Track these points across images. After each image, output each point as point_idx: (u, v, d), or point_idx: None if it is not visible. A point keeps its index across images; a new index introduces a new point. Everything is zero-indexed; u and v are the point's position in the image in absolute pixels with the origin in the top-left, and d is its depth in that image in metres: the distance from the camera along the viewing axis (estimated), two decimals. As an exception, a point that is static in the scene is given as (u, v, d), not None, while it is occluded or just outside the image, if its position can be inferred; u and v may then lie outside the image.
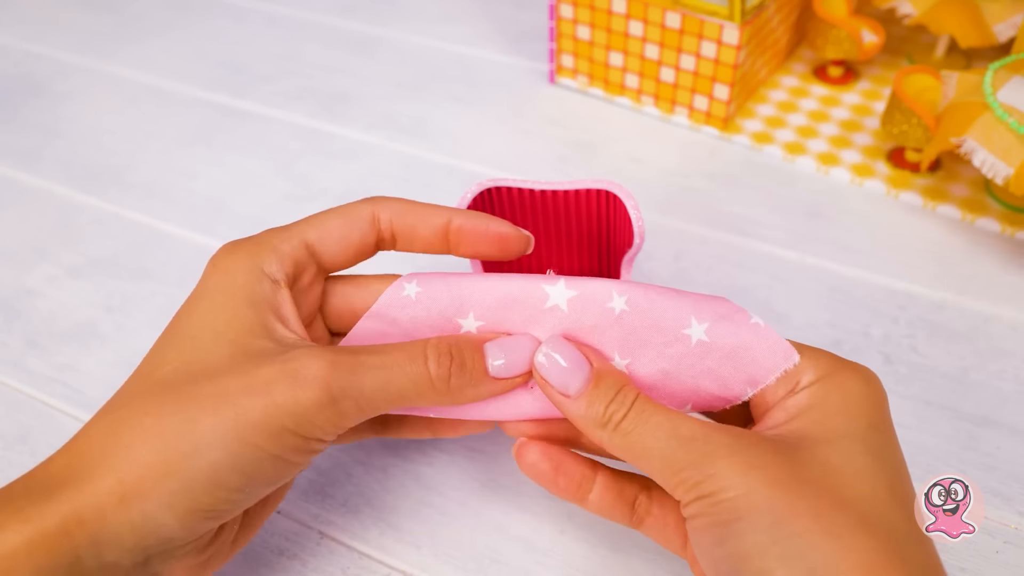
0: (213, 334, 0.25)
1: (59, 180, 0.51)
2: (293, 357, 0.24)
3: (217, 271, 0.26)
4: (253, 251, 0.27)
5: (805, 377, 0.25)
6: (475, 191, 0.33)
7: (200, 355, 0.24)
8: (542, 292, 0.26)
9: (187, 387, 0.24)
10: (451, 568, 0.31)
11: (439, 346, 0.26)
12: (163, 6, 0.69)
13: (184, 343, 0.25)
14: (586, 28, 0.52)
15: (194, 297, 0.26)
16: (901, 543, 0.21)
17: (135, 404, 0.24)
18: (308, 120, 0.55)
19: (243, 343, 0.25)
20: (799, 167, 0.49)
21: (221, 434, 0.23)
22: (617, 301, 0.25)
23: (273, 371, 0.24)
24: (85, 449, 0.23)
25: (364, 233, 0.28)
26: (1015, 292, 0.41)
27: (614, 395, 0.25)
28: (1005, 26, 0.48)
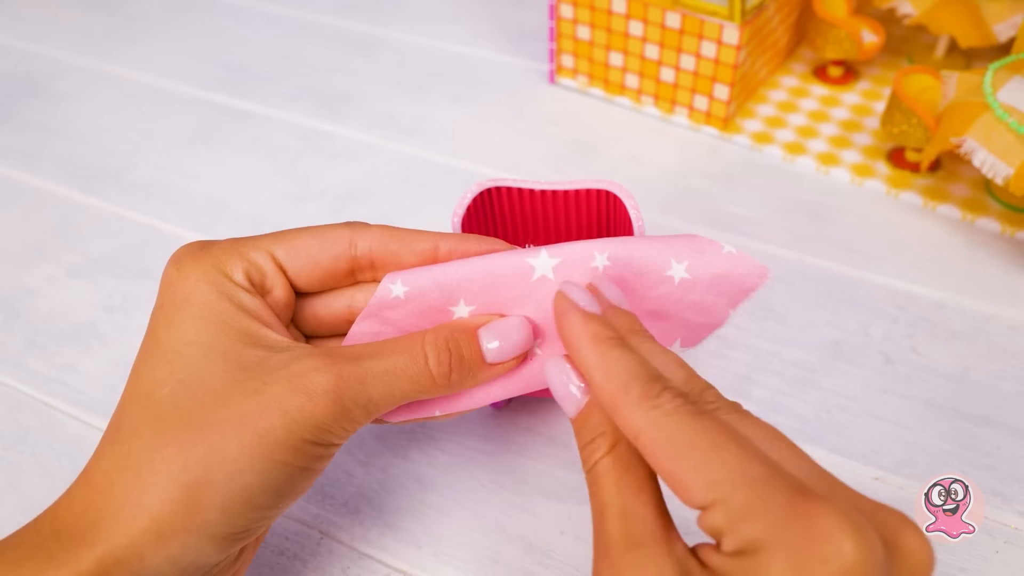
0: (203, 348, 0.24)
1: (59, 180, 0.51)
2: (299, 371, 0.24)
3: (186, 279, 0.25)
4: (220, 259, 0.26)
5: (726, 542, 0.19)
6: (475, 191, 0.33)
7: (196, 373, 0.24)
8: (527, 265, 0.26)
9: (199, 413, 0.23)
10: (451, 568, 0.31)
11: (436, 342, 0.26)
12: (163, 6, 0.69)
13: (174, 360, 0.24)
14: (586, 28, 0.52)
15: (168, 307, 0.25)
16: None
17: (146, 434, 0.23)
18: (308, 120, 0.55)
19: (236, 355, 0.24)
20: (799, 167, 0.49)
21: (249, 458, 0.23)
22: (599, 259, 0.26)
23: (283, 388, 0.24)
24: (105, 486, 0.23)
25: (335, 257, 0.27)
26: (1015, 292, 0.41)
27: (587, 442, 0.23)
28: (1005, 26, 0.48)
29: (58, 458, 0.35)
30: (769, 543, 0.18)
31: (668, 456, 0.20)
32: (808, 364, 0.38)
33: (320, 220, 0.47)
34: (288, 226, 0.46)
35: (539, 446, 0.35)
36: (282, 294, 0.27)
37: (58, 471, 0.35)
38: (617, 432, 0.23)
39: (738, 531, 0.19)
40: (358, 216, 0.47)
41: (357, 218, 0.47)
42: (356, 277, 0.28)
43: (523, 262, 0.26)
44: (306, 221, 0.47)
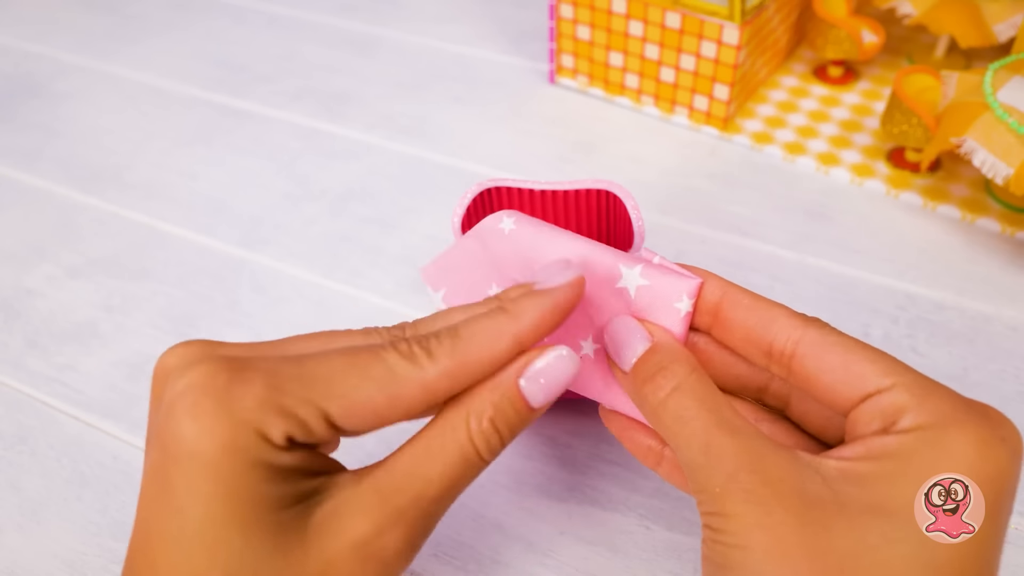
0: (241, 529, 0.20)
1: (59, 180, 0.51)
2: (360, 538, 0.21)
3: (205, 440, 0.20)
4: (254, 415, 0.20)
5: (906, 418, 0.20)
6: (475, 191, 0.33)
7: (240, 560, 0.20)
8: (616, 271, 0.25)
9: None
10: (451, 568, 0.31)
11: (481, 423, 0.22)
12: (163, 6, 0.69)
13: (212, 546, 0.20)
14: (586, 28, 0.52)
15: (187, 471, 0.20)
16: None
17: None
18: (308, 120, 0.55)
19: (278, 526, 0.20)
20: (799, 167, 0.49)
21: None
22: (685, 303, 0.24)
23: (351, 567, 0.21)
24: None
25: (408, 410, 0.22)
26: (1015, 292, 0.41)
27: (655, 372, 0.22)
28: (1005, 26, 0.48)
29: (58, 458, 0.35)
30: (954, 420, 0.20)
31: (839, 352, 0.22)
32: (808, 364, 0.38)
33: (320, 220, 0.47)
34: (288, 226, 0.46)
35: (539, 446, 0.35)
36: (325, 448, 0.23)
37: (58, 471, 0.35)
38: (694, 361, 0.23)
39: (924, 407, 0.20)
40: (358, 216, 0.47)
41: (357, 218, 0.47)
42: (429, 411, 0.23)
43: (615, 265, 0.25)
44: (306, 221, 0.47)
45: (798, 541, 0.19)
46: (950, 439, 0.19)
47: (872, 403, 0.21)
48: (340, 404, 0.21)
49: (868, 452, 0.20)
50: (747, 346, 0.24)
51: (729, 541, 0.20)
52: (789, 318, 0.23)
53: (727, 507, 0.20)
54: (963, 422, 0.20)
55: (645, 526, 0.32)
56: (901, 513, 0.19)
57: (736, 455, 0.21)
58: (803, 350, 0.22)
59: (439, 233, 0.45)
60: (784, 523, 0.19)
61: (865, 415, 0.21)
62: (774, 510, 0.20)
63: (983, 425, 0.20)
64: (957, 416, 0.20)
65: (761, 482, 0.20)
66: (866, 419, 0.21)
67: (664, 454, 0.25)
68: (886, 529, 0.19)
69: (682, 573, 0.30)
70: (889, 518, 0.19)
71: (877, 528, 0.19)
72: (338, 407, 0.21)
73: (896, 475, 0.20)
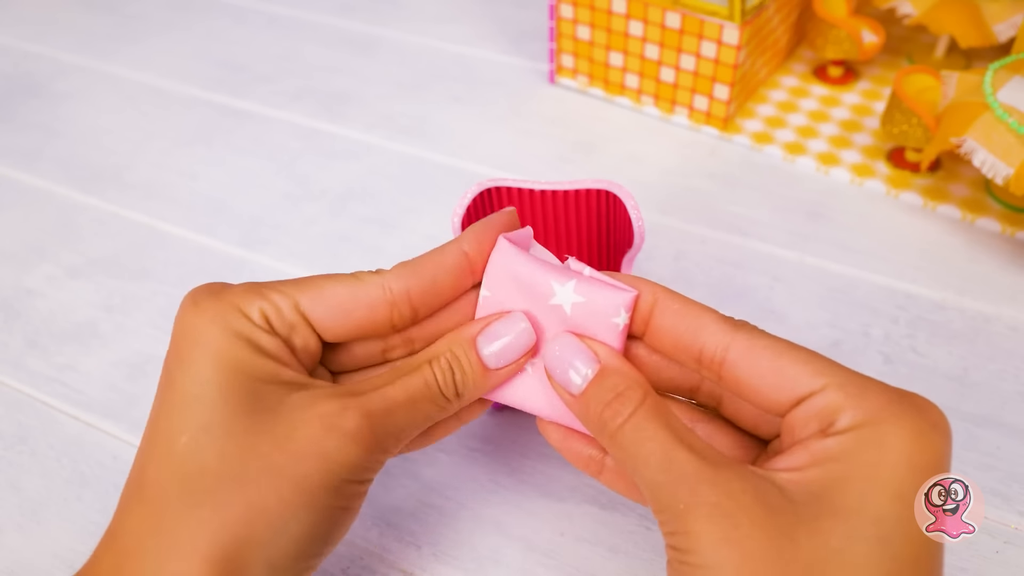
0: (219, 389, 0.23)
1: (59, 180, 0.51)
2: (327, 412, 0.23)
3: (200, 316, 0.24)
4: (238, 298, 0.24)
5: (843, 418, 0.21)
6: (475, 191, 0.33)
7: (215, 417, 0.23)
8: (549, 288, 0.25)
9: (229, 466, 0.22)
10: (451, 568, 0.31)
11: (439, 359, 0.25)
12: (163, 6, 0.69)
13: (191, 404, 0.23)
14: (586, 28, 0.52)
15: (181, 347, 0.24)
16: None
17: (175, 491, 0.22)
18: (308, 120, 0.55)
19: (256, 394, 0.23)
20: (799, 167, 0.49)
21: (292, 508, 0.22)
22: (622, 317, 0.24)
23: (315, 431, 0.23)
24: (136, 550, 0.22)
25: (371, 306, 0.25)
26: (1015, 292, 0.41)
27: (612, 397, 0.23)
28: (1005, 26, 0.48)
29: (58, 458, 0.35)
30: (888, 414, 0.20)
31: (768, 356, 0.22)
32: (808, 364, 0.38)
33: (320, 220, 0.47)
34: (288, 226, 0.46)
35: (539, 446, 0.35)
36: (301, 342, 0.25)
37: (58, 471, 0.35)
38: (646, 383, 0.24)
39: (858, 405, 0.20)
40: (358, 216, 0.47)
41: (357, 218, 0.47)
42: (395, 325, 0.26)
43: (547, 283, 0.25)
44: (306, 221, 0.47)
45: (766, 554, 0.19)
46: (886, 434, 0.20)
47: (807, 406, 0.21)
48: (309, 296, 0.25)
49: (813, 458, 0.21)
50: (678, 353, 0.24)
51: (696, 561, 0.20)
52: (718, 324, 0.23)
53: (691, 524, 0.20)
54: (896, 415, 0.20)
55: (645, 526, 0.32)
56: (856, 514, 0.20)
57: (697, 471, 0.21)
58: (733, 356, 0.22)
59: (439, 233, 0.45)
60: (751, 536, 0.19)
61: (800, 419, 0.21)
62: (740, 523, 0.20)
63: (915, 416, 0.20)
64: (891, 410, 0.20)
65: (725, 494, 0.20)
66: (802, 422, 0.21)
67: (605, 463, 0.26)
68: (844, 530, 0.19)
69: (682, 573, 0.30)
70: (846, 520, 0.19)
71: (836, 531, 0.19)
72: (307, 298, 0.25)
73: (843, 478, 0.20)
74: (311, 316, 0.25)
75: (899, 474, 0.20)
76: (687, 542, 0.20)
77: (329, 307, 0.25)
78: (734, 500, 0.20)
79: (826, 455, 0.20)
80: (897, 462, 0.20)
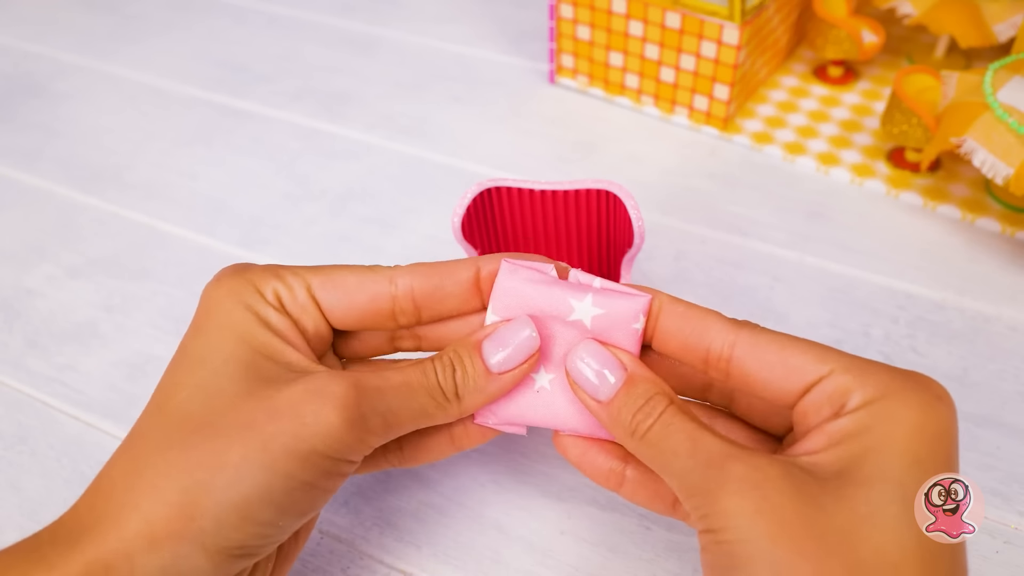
0: (223, 355, 0.24)
1: (59, 180, 0.51)
2: (316, 379, 0.24)
3: (219, 290, 0.26)
4: (255, 276, 0.26)
5: (854, 398, 0.22)
6: (475, 191, 0.33)
7: (213, 379, 0.24)
8: (567, 306, 0.25)
9: (209, 417, 0.23)
10: (451, 568, 0.31)
11: (442, 357, 0.26)
12: (163, 6, 0.69)
13: (195, 365, 0.24)
14: (586, 28, 0.52)
15: (199, 317, 0.25)
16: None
17: (156, 436, 0.23)
18: (308, 120, 0.55)
19: (257, 365, 0.24)
20: (799, 167, 0.49)
21: (250, 465, 0.22)
22: (641, 321, 0.25)
23: (297, 393, 0.23)
24: (108, 488, 0.23)
25: (374, 296, 0.26)
26: (1015, 292, 0.41)
27: (643, 403, 0.24)
28: (1005, 26, 0.48)
29: (58, 458, 0.35)
30: (895, 390, 0.21)
31: (773, 349, 0.23)
32: (808, 364, 0.38)
33: (320, 220, 0.47)
34: (288, 226, 0.46)
35: (539, 446, 0.35)
36: (312, 325, 0.26)
37: (58, 471, 0.35)
38: (668, 387, 0.25)
39: (866, 384, 0.22)
40: (358, 216, 0.47)
41: (357, 218, 0.47)
42: (398, 320, 0.27)
43: (565, 300, 0.25)
44: (306, 221, 0.47)
45: (799, 523, 0.20)
46: (896, 408, 0.21)
47: (817, 392, 0.22)
48: (320, 279, 0.26)
49: (830, 439, 0.22)
50: (686, 354, 0.25)
51: (730, 537, 0.20)
52: (722, 323, 0.24)
53: (723, 501, 0.21)
54: (903, 390, 0.22)
55: (645, 526, 0.32)
56: (880, 481, 0.20)
57: (724, 451, 0.22)
58: (739, 352, 0.24)
59: (439, 233, 0.45)
60: (782, 506, 0.20)
61: (813, 405, 0.23)
62: (770, 494, 0.20)
63: (921, 390, 0.22)
64: (897, 386, 0.22)
65: (753, 468, 0.21)
66: (815, 408, 0.23)
67: (626, 474, 0.26)
68: (871, 497, 0.20)
69: (682, 573, 0.30)
70: (871, 487, 0.20)
71: (863, 498, 0.20)
72: (319, 281, 0.26)
73: (862, 452, 0.21)
74: (321, 299, 0.26)
75: (914, 442, 0.21)
76: (720, 520, 0.21)
77: (337, 292, 0.26)
78: (762, 473, 0.21)
79: (842, 434, 0.21)
80: (911, 432, 0.21)
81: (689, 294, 0.41)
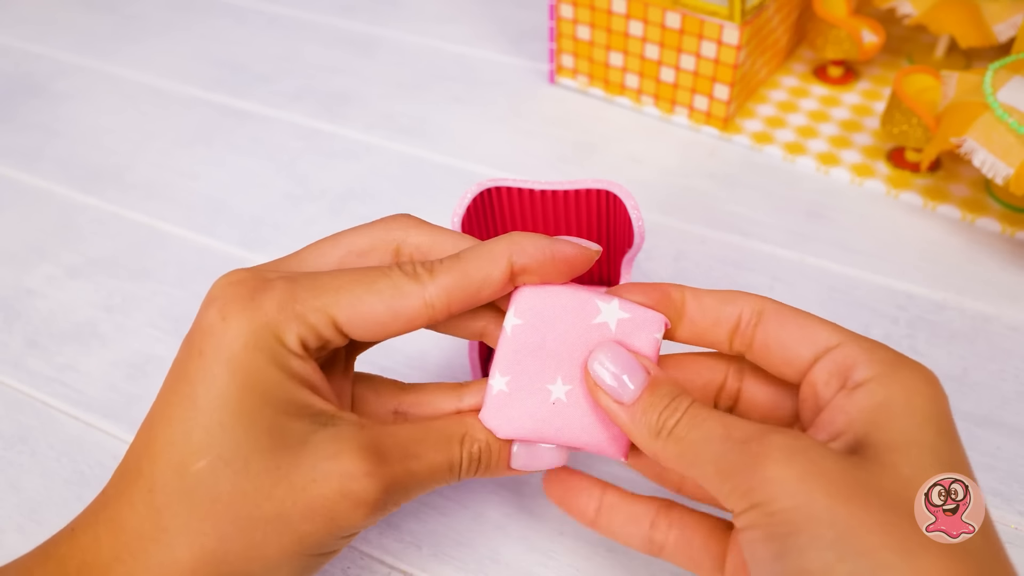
0: (246, 422, 0.22)
1: (59, 180, 0.51)
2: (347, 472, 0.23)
3: (231, 333, 0.23)
4: (273, 319, 0.23)
5: (860, 371, 0.22)
6: (475, 191, 0.33)
7: (237, 450, 0.22)
8: (594, 307, 0.26)
9: (241, 504, 0.22)
10: (451, 568, 0.31)
11: (471, 449, 0.26)
12: (163, 6, 0.69)
13: (213, 430, 0.22)
14: (586, 28, 0.52)
15: (209, 361, 0.23)
16: (980, 563, 0.19)
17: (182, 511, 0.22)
18: (308, 120, 0.55)
19: (281, 431, 0.23)
20: (799, 167, 0.49)
21: (286, 558, 0.23)
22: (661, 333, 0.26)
23: (331, 492, 0.23)
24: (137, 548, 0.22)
25: (410, 320, 0.24)
26: (1015, 292, 0.41)
27: (668, 402, 0.24)
28: (1005, 26, 0.48)
29: (58, 458, 0.35)
30: (899, 364, 0.23)
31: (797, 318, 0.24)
32: (808, 364, 0.38)
33: (320, 220, 0.47)
34: (288, 226, 0.46)
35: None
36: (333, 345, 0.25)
37: (58, 471, 0.35)
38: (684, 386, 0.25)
39: (872, 358, 0.23)
40: (358, 216, 0.47)
41: (357, 218, 0.47)
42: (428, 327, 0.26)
43: (592, 303, 0.25)
44: (306, 221, 0.47)
45: (850, 483, 0.20)
46: (904, 378, 0.22)
47: (827, 360, 0.23)
48: (347, 313, 0.23)
49: (847, 416, 0.22)
50: (716, 328, 0.26)
51: (784, 505, 0.20)
52: (748, 296, 0.25)
53: (767, 471, 0.20)
54: (906, 365, 0.23)
55: (645, 526, 0.32)
56: (913, 444, 0.21)
57: (758, 428, 0.22)
58: (767, 317, 0.25)
59: (439, 233, 0.45)
60: (830, 469, 0.20)
61: (822, 375, 0.23)
62: (816, 459, 0.20)
63: (919, 368, 0.23)
64: (899, 362, 0.23)
65: (793, 437, 0.21)
66: (824, 379, 0.23)
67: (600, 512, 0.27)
68: (909, 459, 0.20)
69: (682, 573, 0.30)
70: (907, 451, 0.21)
71: (902, 462, 0.20)
72: (345, 315, 0.23)
73: (885, 421, 0.21)
74: (349, 333, 0.24)
75: (928, 409, 0.22)
76: (768, 490, 0.20)
77: (366, 323, 0.24)
78: (803, 441, 0.21)
79: (860, 408, 0.22)
80: (923, 400, 0.22)
81: (689, 294, 0.41)
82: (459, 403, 0.27)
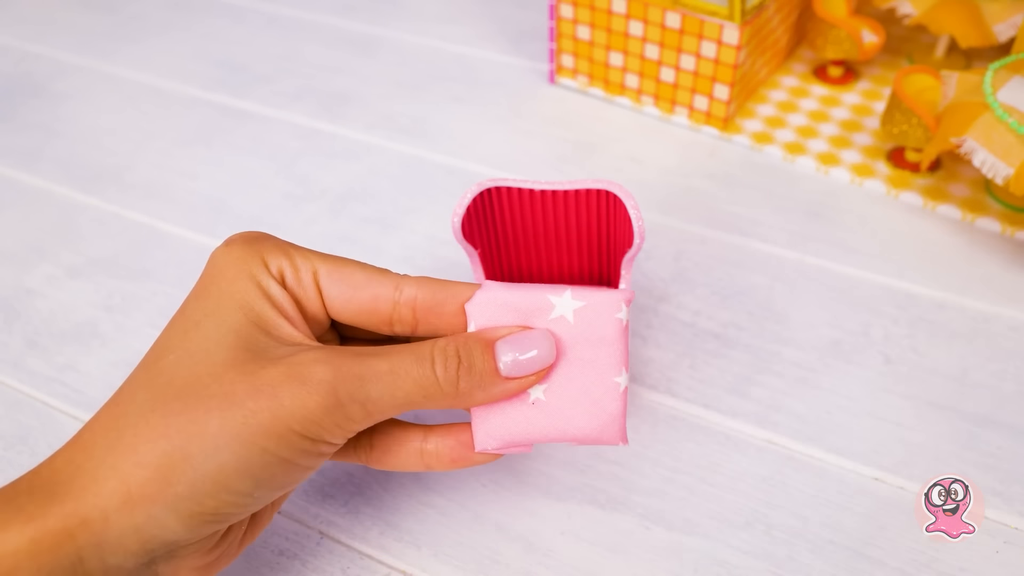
0: (217, 321, 0.25)
1: (59, 180, 0.51)
2: (299, 361, 0.24)
3: (226, 256, 0.26)
4: (265, 248, 0.26)
5: None
6: (475, 191, 0.33)
7: (203, 344, 0.24)
8: (547, 302, 0.26)
9: (193, 384, 0.23)
10: (451, 568, 0.31)
11: (447, 348, 0.25)
12: (163, 6, 0.69)
13: (189, 328, 0.25)
14: (586, 28, 0.52)
15: (203, 279, 0.26)
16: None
17: (140, 397, 0.24)
18: (308, 120, 0.55)
19: (250, 335, 0.24)
20: (799, 167, 0.49)
21: (229, 437, 0.23)
22: (624, 312, 0.25)
23: (279, 373, 0.23)
24: (89, 444, 0.23)
25: (376, 296, 0.26)
26: (1015, 292, 0.41)
27: None
28: (1005, 26, 0.48)
29: (58, 458, 0.35)
30: None
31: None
32: (808, 364, 0.38)
33: (320, 220, 0.47)
34: (288, 226, 0.46)
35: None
36: (312, 310, 0.27)
37: (58, 471, 0.35)
38: None
39: None
40: (358, 216, 0.47)
41: (357, 218, 0.47)
42: (393, 328, 0.27)
43: (544, 298, 0.26)
44: (306, 221, 0.47)
45: None
46: None
47: None
48: (327, 267, 0.27)
49: None
50: None
51: None
52: None
53: None
54: None
55: (645, 526, 0.32)
56: None
57: None
58: None
59: (439, 233, 0.45)
60: None
61: None
62: None
63: None
64: None
65: None
66: None
67: None
68: None
69: (682, 573, 0.30)
70: None
71: None
72: (326, 269, 0.27)
73: None
74: (324, 287, 0.26)
75: None
76: None
77: (341, 284, 0.26)
78: None
79: None
80: None
81: (689, 294, 0.41)
82: None
